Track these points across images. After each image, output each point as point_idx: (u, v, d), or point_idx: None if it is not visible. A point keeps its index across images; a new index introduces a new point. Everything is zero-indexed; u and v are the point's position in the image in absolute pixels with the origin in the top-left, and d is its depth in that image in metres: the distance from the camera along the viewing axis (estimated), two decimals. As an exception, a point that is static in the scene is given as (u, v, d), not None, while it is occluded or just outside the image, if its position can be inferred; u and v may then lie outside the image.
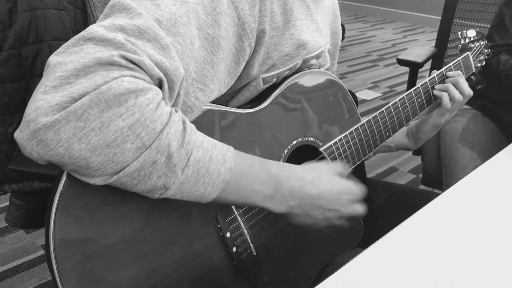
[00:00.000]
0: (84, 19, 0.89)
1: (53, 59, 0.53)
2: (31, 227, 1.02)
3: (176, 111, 0.58)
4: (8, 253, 1.80)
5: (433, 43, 1.78)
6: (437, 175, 1.52)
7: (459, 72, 1.03)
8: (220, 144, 0.63)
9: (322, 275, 0.66)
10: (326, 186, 0.72)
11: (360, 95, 3.46)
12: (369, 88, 3.63)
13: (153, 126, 0.54)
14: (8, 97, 0.82)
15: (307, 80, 0.83)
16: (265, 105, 0.78)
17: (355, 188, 0.75)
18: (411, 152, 1.78)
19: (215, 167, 0.61)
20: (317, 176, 0.73)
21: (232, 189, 0.64)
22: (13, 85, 0.83)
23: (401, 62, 1.69)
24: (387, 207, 1.06)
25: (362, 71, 4.04)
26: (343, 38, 5.02)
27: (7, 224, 1.93)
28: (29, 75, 0.84)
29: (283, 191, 0.68)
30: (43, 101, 0.50)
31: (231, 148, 0.64)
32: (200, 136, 0.60)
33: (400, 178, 2.45)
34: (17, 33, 0.81)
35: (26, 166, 0.85)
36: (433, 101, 1.03)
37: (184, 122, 0.59)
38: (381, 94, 3.51)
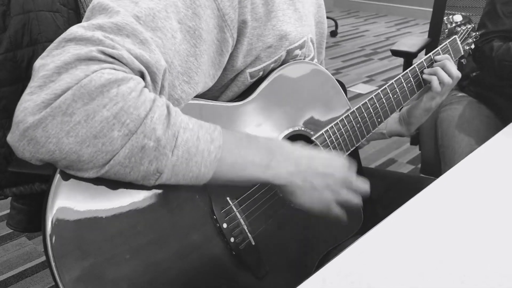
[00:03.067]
0: (77, 20, 0.89)
1: (38, 62, 0.55)
2: (33, 230, 1.02)
3: (160, 97, 0.59)
4: (11, 260, 1.80)
5: (426, 35, 1.80)
6: (435, 164, 1.52)
7: (446, 55, 1.04)
8: (207, 124, 0.64)
9: (324, 262, 0.66)
10: (315, 151, 0.75)
11: (356, 89, 3.47)
12: (364, 82, 3.64)
13: (137, 113, 0.55)
14: (6, 100, 0.83)
15: (293, 70, 0.84)
16: (253, 97, 0.79)
17: (339, 155, 0.77)
18: (409, 143, 1.78)
19: (204, 145, 0.61)
20: (303, 145, 0.75)
21: (227, 165, 0.64)
22: (10, 88, 0.83)
23: (395, 53, 1.70)
24: (385, 195, 1.07)
25: (357, 65, 4.05)
26: (336, 34, 5.03)
27: (9, 231, 1.94)
28: (25, 77, 0.84)
29: (278, 156, 0.69)
30: (30, 101, 0.52)
31: (218, 127, 0.64)
32: (185, 118, 0.61)
33: (399, 170, 2.45)
34: (12, 36, 0.81)
35: (26, 167, 0.85)
36: (423, 85, 1.05)
37: (168, 107, 0.59)
38: (377, 88, 3.51)
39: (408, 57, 1.68)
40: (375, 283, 0.56)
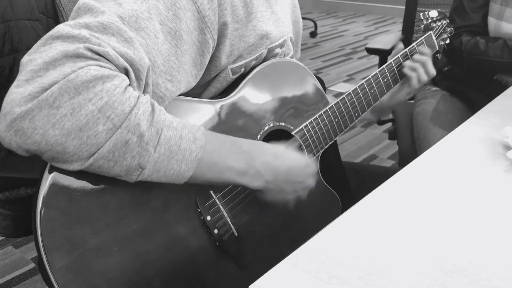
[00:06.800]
0: (57, 27, 0.92)
1: (25, 58, 0.57)
2: (21, 235, 1.04)
3: (144, 95, 0.62)
4: (-2, 269, 1.80)
5: (402, 32, 1.85)
6: (412, 157, 1.56)
7: (428, 53, 1.09)
8: (190, 124, 0.66)
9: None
10: (294, 160, 0.79)
11: (336, 88, 3.52)
12: (345, 81, 3.69)
13: (122, 108, 0.58)
14: (-11, 107, 0.85)
15: (274, 67, 0.87)
16: (235, 94, 0.82)
17: (312, 162, 0.84)
18: (388, 139, 1.84)
19: (186, 144, 0.64)
20: (286, 150, 0.79)
21: (206, 166, 0.67)
22: (-8, 95, 0.85)
23: (370, 51, 1.75)
24: (361, 186, 1.11)
25: (337, 65, 4.10)
26: (315, 34, 5.08)
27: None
28: (7, 84, 0.86)
29: (257, 165, 0.73)
30: (17, 94, 0.54)
31: (201, 127, 0.67)
32: (169, 117, 0.64)
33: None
34: (-7, 45, 0.84)
35: (12, 172, 0.87)
36: (399, 80, 1.09)
37: (152, 104, 0.62)
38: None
39: (382, 54, 1.72)
40: (344, 262, 0.60)
